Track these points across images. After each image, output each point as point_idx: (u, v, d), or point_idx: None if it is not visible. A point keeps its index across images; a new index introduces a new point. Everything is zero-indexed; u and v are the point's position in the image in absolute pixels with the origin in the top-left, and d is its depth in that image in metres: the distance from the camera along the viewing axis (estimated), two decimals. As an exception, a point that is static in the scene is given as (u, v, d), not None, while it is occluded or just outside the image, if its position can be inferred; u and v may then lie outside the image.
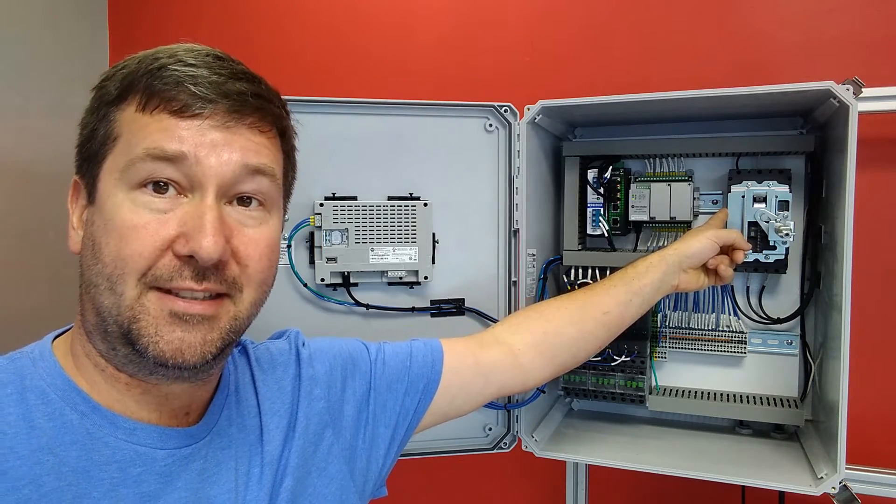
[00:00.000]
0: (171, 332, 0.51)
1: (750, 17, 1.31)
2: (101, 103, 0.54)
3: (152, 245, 0.50)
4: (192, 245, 0.50)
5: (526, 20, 1.47)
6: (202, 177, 0.51)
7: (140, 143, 0.51)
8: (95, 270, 0.51)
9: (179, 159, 0.50)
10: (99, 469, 0.51)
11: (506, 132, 1.06)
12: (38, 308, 1.51)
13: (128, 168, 0.51)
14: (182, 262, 0.51)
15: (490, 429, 1.09)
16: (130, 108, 0.52)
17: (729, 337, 1.11)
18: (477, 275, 1.08)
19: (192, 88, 0.51)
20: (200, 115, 0.51)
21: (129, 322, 0.51)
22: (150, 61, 0.52)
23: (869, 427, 1.22)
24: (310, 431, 0.66)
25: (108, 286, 0.51)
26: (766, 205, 0.99)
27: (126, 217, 0.50)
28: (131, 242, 0.50)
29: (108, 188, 0.52)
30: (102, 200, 0.52)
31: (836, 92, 0.84)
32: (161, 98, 0.51)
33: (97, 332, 0.53)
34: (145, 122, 0.51)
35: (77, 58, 1.73)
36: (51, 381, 0.53)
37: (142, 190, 0.51)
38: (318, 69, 1.63)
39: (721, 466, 0.95)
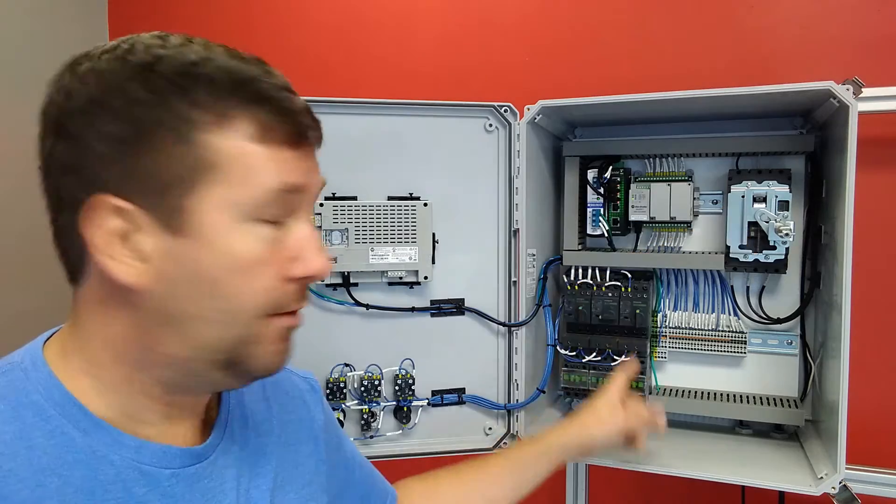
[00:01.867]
0: (280, 343, 0.53)
1: (750, 17, 1.31)
2: (176, 122, 0.47)
3: (278, 278, 0.51)
4: (311, 267, 0.51)
5: (526, 20, 1.47)
6: (303, 201, 0.53)
7: (267, 179, 0.49)
8: (207, 306, 0.49)
9: (300, 191, 0.51)
10: (104, 489, 0.49)
11: (506, 132, 1.06)
12: (39, 308, 1.51)
13: (254, 204, 0.49)
14: (298, 286, 0.52)
15: (490, 429, 1.09)
16: (232, 135, 0.48)
17: (729, 337, 1.11)
18: (477, 275, 1.08)
19: (300, 118, 0.51)
20: (307, 143, 0.52)
21: (246, 346, 0.51)
22: (233, 81, 0.48)
23: (869, 427, 1.22)
24: (304, 476, 0.67)
25: (227, 320, 0.50)
26: (766, 205, 0.99)
27: (250, 250, 0.49)
28: (260, 277, 0.50)
29: (221, 221, 0.48)
30: (208, 233, 0.48)
31: (836, 92, 0.84)
32: (280, 130, 0.50)
33: (177, 362, 0.51)
34: (260, 153, 0.49)
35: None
36: (47, 395, 0.50)
37: (260, 223, 0.50)
38: (318, 69, 1.63)
39: (721, 466, 0.95)
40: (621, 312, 1.09)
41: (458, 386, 1.08)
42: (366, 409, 1.03)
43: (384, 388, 1.04)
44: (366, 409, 1.03)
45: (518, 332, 1.07)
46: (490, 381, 1.09)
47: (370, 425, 1.04)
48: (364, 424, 1.03)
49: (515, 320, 1.08)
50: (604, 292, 1.10)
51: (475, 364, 1.08)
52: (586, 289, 1.11)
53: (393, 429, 1.05)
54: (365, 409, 1.03)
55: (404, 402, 1.04)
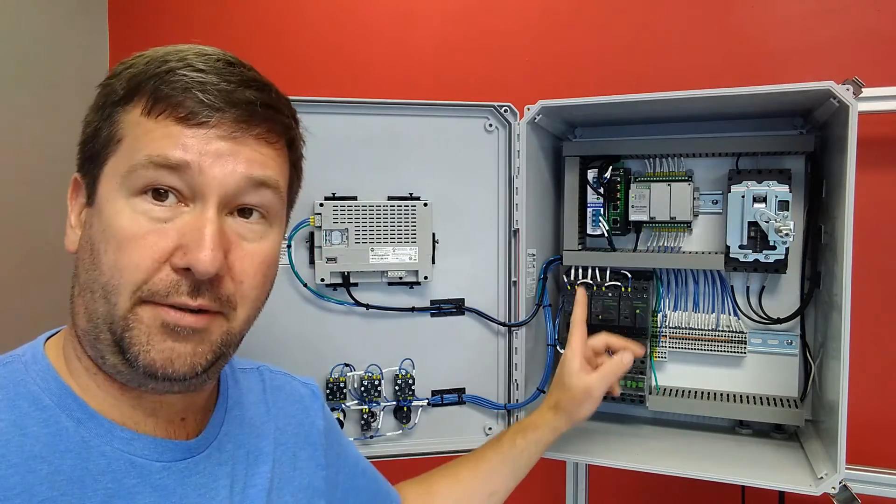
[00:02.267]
0: (162, 342, 0.50)
1: (750, 17, 1.31)
2: (107, 102, 0.52)
3: (150, 257, 0.49)
4: (189, 258, 0.49)
5: (526, 20, 1.48)
6: (205, 187, 0.50)
7: (143, 149, 0.49)
8: (92, 276, 0.50)
9: (183, 168, 0.49)
10: (94, 479, 0.49)
11: (506, 132, 1.06)
12: (39, 309, 1.51)
13: (129, 173, 0.49)
14: (179, 276, 0.50)
15: (490, 429, 1.09)
16: (136, 110, 0.50)
17: (729, 337, 1.11)
18: (477, 275, 1.08)
19: (200, 96, 0.49)
20: (207, 124, 0.50)
21: (122, 331, 0.49)
22: (158, 63, 0.51)
23: (869, 427, 1.22)
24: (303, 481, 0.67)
25: (102, 294, 0.50)
26: (766, 205, 0.99)
27: (125, 225, 0.49)
28: (130, 253, 0.49)
29: (109, 192, 0.50)
30: (102, 204, 0.51)
31: (836, 92, 0.84)
32: (167, 104, 0.49)
33: (87, 337, 0.52)
34: (150, 127, 0.50)
35: (77, 58, 1.73)
36: (45, 386, 0.51)
37: (142, 197, 0.49)
38: (318, 69, 1.63)
39: (721, 466, 0.95)
40: (621, 312, 1.09)
41: (458, 386, 1.08)
42: (366, 409, 1.03)
43: (384, 388, 1.04)
44: (366, 409, 1.03)
45: (518, 332, 1.07)
46: (490, 381, 1.09)
47: (370, 425, 1.04)
48: (364, 424, 1.03)
49: (515, 320, 1.08)
50: (604, 292, 1.10)
51: (475, 364, 1.08)
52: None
53: (393, 429, 1.05)
54: (365, 409, 1.03)
55: (404, 402, 1.04)
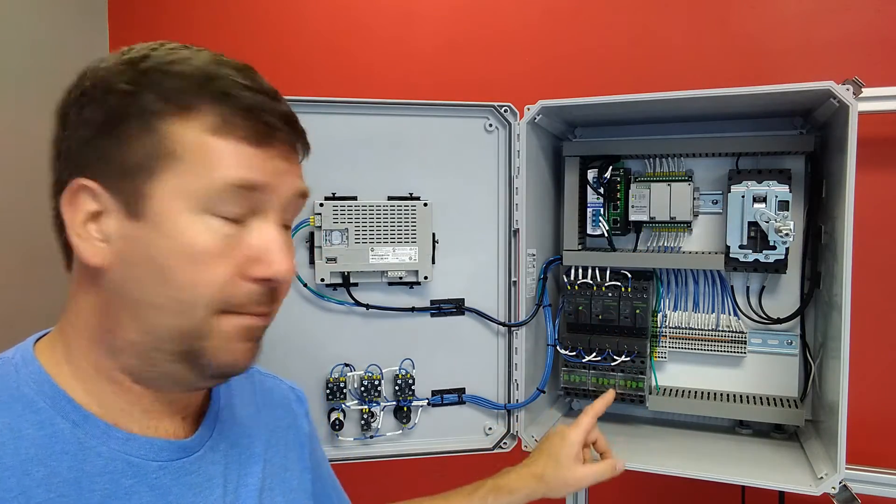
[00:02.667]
0: (238, 343, 0.53)
1: (750, 17, 1.31)
2: (143, 111, 0.50)
3: (229, 273, 0.50)
4: (273, 269, 0.51)
5: (526, 20, 1.48)
6: (269, 203, 0.52)
7: (223, 173, 0.50)
8: (158, 292, 0.50)
9: (257, 189, 0.51)
10: (90, 480, 0.50)
11: (506, 132, 1.06)
12: (38, 309, 1.51)
13: (208, 195, 0.50)
14: (259, 286, 0.52)
15: (490, 429, 1.09)
16: (193, 126, 0.50)
17: (729, 337, 1.11)
18: (477, 275, 1.08)
19: (266, 117, 0.51)
20: (272, 145, 0.52)
21: (199, 340, 0.51)
22: (204, 77, 0.50)
23: (869, 427, 1.22)
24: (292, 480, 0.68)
25: (177, 309, 0.50)
26: (766, 205, 0.99)
27: (200, 241, 0.50)
28: (207, 269, 0.50)
29: (175, 209, 0.49)
30: (163, 220, 0.49)
31: (836, 92, 0.84)
32: (242, 127, 0.51)
33: (136, 349, 0.51)
34: (219, 146, 0.50)
35: (77, 58, 1.73)
36: (38, 389, 0.51)
37: (216, 216, 0.50)
38: (318, 69, 1.63)
39: (721, 466, 0.95)
40: (621, 312, 1.09)
41: (458, 386, 1.08)
42: (366, 409, 1.03)
43: (384, 388, 1.04)
44: (366, 409, 1.03)
45: (518, 332, 1.07)
46: (490, 381, 1.09)
47: (370, 425, 1.04)
48: (364, 424, 1.03)
49: (515, 320, 1.08)
50: (604, 292, 1.10)
51: (475, 364, 1.08)
52: (586, 289, 1.11)
53: (393, 429, 1.05)
54: (365, 409, 1.03)
55: (404, 402, 1.04)
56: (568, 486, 0.89)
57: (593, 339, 1.10)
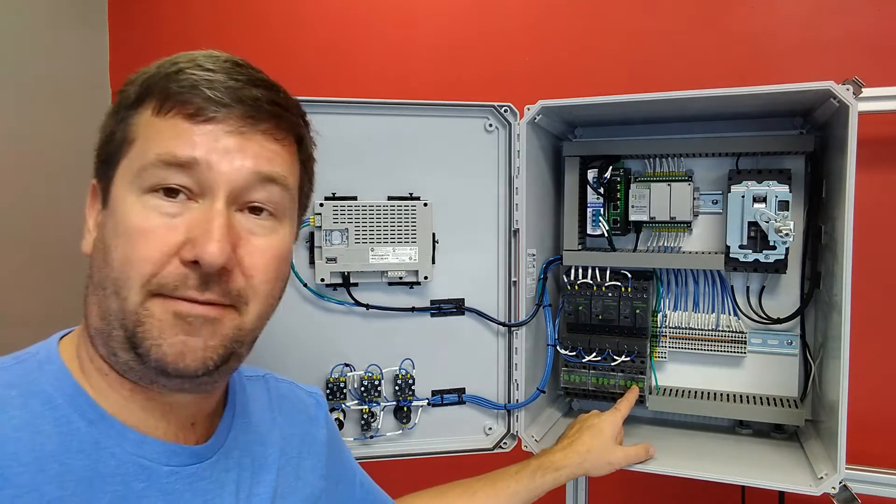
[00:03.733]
0: (174, 336, 0.50)
1: (750, 17, 1.31)
2: (121, 107, 0.53)
3: (159, 250, 0.49)
4: (197, 250, 0.49)
5: (526, 20, 1.48)
6: (213, 182, 0.51)
7: (153, 148, 0.50)
8: (104, 273, 0.51)
9: (191, 165, 0.50)
10: (103, 481, 0.50)
11: (506, 132, 1.06)
12: (38, 309, 1.51)
13: (140, 172, 0.50)
14: (188, 269, 0.50)
15: (490, 429, 1.09)
16: (147, 111, 0.52)
17: (729, 337, 1.11)
18: (477, 275, 1.08)
19: (207, 92, 0.50)
20: (214, 120, 0.51)
21: (134, 325, 0.50)
22: (168, 66, 0.52)
23: (869, 427, 1.22)
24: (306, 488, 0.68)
25: (114, 290, 0.50)
26: (766, 205, 0.99)
27: (135, 221, 0.50)
28: (139, 247, 0.49)
29: (121, 191, 0.51)
30: (115, 204, 0.52)
31: (836, 92, 0.84)
32: (175, 101, 0.50)
33: (100, 336, 0.52)
34: (160, 126, 0.51)
35: (77, 60, 1.73)
36: (58, 386, 0.51)
37: (152, 194, 0.50)
38: (318, 69, 1.63)
39: (721, 466, 0.95)
40: (621, 312, 1.09)
41: (458, 386, 1.08)
42: (366, 409, 1.03)
43: (384, 388, 1.04)
44: (366, 409, 1.03)
45: (518, 332, 1.07)
46: (490, 381, 1.09)
47: (370, 425, 1.04)
48: (364, 424, 1.03)
49: (515, 320, 1.08)
50: (604, 292, 1.10)
51: (475, 364, 1.08)
52: (586, 289, 1.11)
53: (393, 429, 1.05)
54: (365, 409, 1.03)
55: (404, 402, 1.04)
56: (610, 465, 0.95)
57: (593, 339, 1.10)
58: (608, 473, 0.96)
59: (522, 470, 0.92)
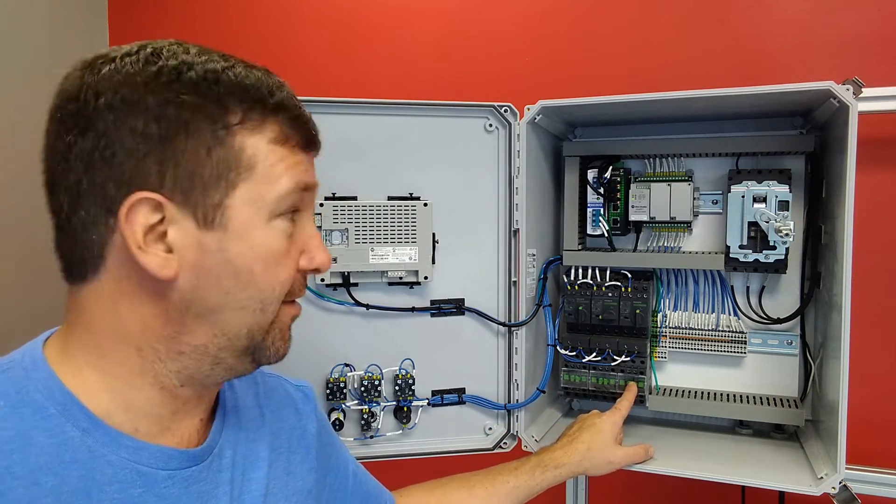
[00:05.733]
0: (289, 332, 0.60)
1: (750, 17, 1.31)
2: (215, 125, 0.50)
3: (294, 267, 0.57)
4: (316, 262, 0.58)
5: (526, 20, 1.48)
6: (309, 200, 0.59)
7: (290, 177, 0.55)
8: (242, 296, 0.54)
9: (311, 190, 0.58)
10: (100, 489, 0.49)
11: (506, 132, 1.06)
12: (38, 309, 1.51)
13: (279, 201, 0.54)
14: (301, 276, 0.59)
15: (490, 429, 1.09)
16: (262, 137, 0.53)
17: (729, 337, 1.11)
18: (477, 275, 1.08)
19: (310, 126, 0.58)
20: (314, 149, 0.60)
21: (265, 333, 0.57)
22: (266, 90, 0.54)
23: (869, 427, 1.22)
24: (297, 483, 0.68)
25: (260, 308, 0.55)
26: (766, 205, 0.99)
27: (275, 245, 0.55)
28: (282, 268, 0.55)
29: (251, 217, 0.53)
30: (241, 228, 0.52)
31: (836, 92, 0.84)
32: (296, 135, 0.56)
33: (203, 351, 0.54)
34: (285, 154, 0.55)
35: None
36: (48, 395, 0.50)
37: (281, 218, 0.55)
38: (318, 69, 1.63)
39: (721, 466, 0.95)
40: (621, 312, 1.09)
41: (458, 386, 1.08)
42: (366, 409, 1.03)
43: (384, 388, 1.04)
44: (366, 409, 1.03)
45: (518, 332, 1.07)
46: (490, 381, 1.09)
47: (370, 425, 1.04)
48: (364, 424, 1.03)
49: (515, 320, 1.08)
50: (604, 292, 1.10)
51: (475, 364, 1.08)
52: (586, 289, 1.11)
53: (393, 429, 1.05)
54: (365, 409, 1.03)
55: (404, 402, 1.04)
56: (610, 465, 0.96)
57: (593, 339, 1.10)
58: (608, 473, 0.96)
59: (522, 466, 0.92)
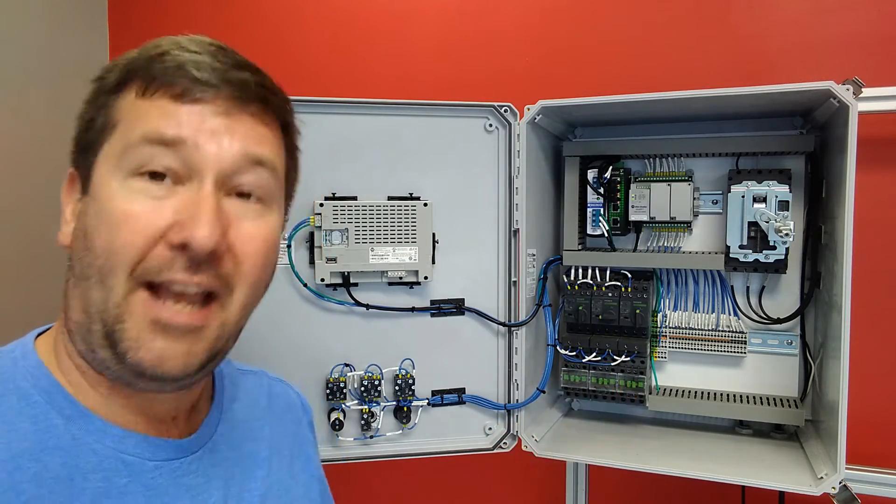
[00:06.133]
0: (152, 341, 0.48)
1: (750, 17, 1.31)
2: (101, 93, 0.51)
3: (144, 234, 0.47)
4: (186, 233, 0.47)
5: (526, 20, 1.47)
6: (201, 163, 0.49)
7: (138, 128, 0.48)
8: (86, 262, 0.49)
9: (178, 144, 0.48)
10: (83, 477, 0.48)
11: (506, 132, 1.06)
12: (39, 308, 1.51)
13: (124, 153, 0.48)
14: (175, 253, 0.48)
15: (490, 429, 1.09)
16: (130, 94, 0.50)
17: (729, 337, 1.11)
18: (477, 275, 1.08)
19: (195, 73, 0.49)
20: (202, 100, 0.49)
21: (114, 322, 0.48)
22: (151, 48, 0.51)
23: (869, 427, 1.22)
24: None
25: (98, 279, 0.48)
26: (766, 205, 0.99)
27: (120, 205, 0.47)
28: (124, 232, 0.47)
29: (104, 176, 0.49)
30: (97, 189, 0.49)
31: (836, 92, 0.84)
32: (161, 82, 0.49)
33: (79, 330, 0.50)
34: (145, 107, 0.49)
35: (77, 58, 1.73)
36: (34, 382, 0.50)
37: (137, 177, 0.48)
38: (318, 69, 1.63)
39: (721, 466, 0.95)
40: (621, 312, 1.09)
41: (458, 386, 1.08)
42: (366, 409, 1.03)
43: (384, 388, 1.04)
44: (366, 409, 1.03)
45: (518, 332, 1.07)
46: (490, 381, 1.09)
47: (370, 425, 1.04)
48: (364, 424, 1.03)
49: (515, 320, 1.08)
50: (604, 292, 1.10)
51: (475, 364, 1.08)
52: (586, 289, 1.11)
53: (393, 429, 1.05)
54: (365, 409, 1.03)
55: (404, 402, 1.04)
56: None
57: (593, 339, 1.10)
58: None
59: None
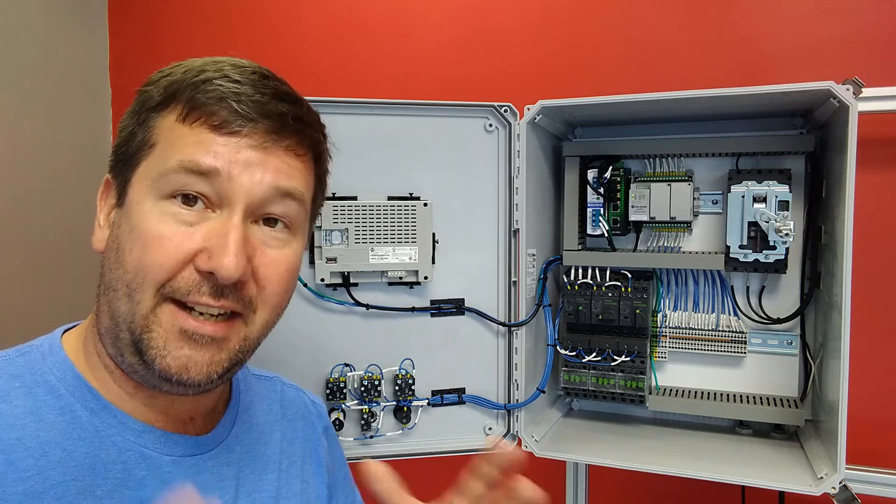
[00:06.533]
0: (178, 349, 0.51)
1: (750, 17, 1.31)
2: (143, 107, 0.54)
3: (175, 257, 0.50)
4: (213, 262, 0.50)
5: (526, 21, 1.48)
6: (232, 194, 0.51)
7: (175, 155, 0.51)
8: (116, 275, 0.51)
9: (212, 174, 0.51)
10: (105, 467, 0.51)
11: (506, 132, 1.06)
12: (39, 307, 1.51)
13: (160, 177, 0.51)
14: (202, 278, 0.51)
15: (490, 429, 1.09)
16: (171, 116, 0.52)
17: (729, 337, 1.11)
18: (477, 275, 1.08)
19: (235, 105, 0.51)
20: (239, 133, 0.51)
21: (141, 331, 0.51)
22: (195, 73, 0.53)
23: (869, 427, 1.22)
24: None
25: (126, 292, 0.51)
26: (766, 205, 0.99)
27: (152, 226, 0.50)
28: (154, 252, 0.50)
29: (139, 194, 0.52)
30: (131, 205, 0.52)
31: (836, 92, 0.84)
32: (202, 111, 0.51)
33: (109, 335, 0.53)
34: (183, 133, 0.51)
35: (77, 58, 1.73)
36: (61, 376, 0.53)
37: (171, 200, 0.51)
38: (318, 69, 1.63)
39: (721, 466, 0.95)
40: (621, 312, 1.09)
41: (458, 386, 1.08)
42: (366, 409, 1.03)
43: (384, 388, 1.04)
44: (366, 409, 1.03)
45: (518, 332, 1.07)
46: (490, 381, 1.09)
47: (370, 425, 1.04)
48: (364, 424, 1.03)
49: (515, 320, 1.08)
50: (604, 292, 1.10)
51: (475, 364, 1.08)
52: (586, 289, 1.11)
53: (393, 429, 1.05)
54: (365, 409, 1.03)
55: (404, 402, 1.04)
56: None
57: (593, 339, 1.10)
58: None
59: None
